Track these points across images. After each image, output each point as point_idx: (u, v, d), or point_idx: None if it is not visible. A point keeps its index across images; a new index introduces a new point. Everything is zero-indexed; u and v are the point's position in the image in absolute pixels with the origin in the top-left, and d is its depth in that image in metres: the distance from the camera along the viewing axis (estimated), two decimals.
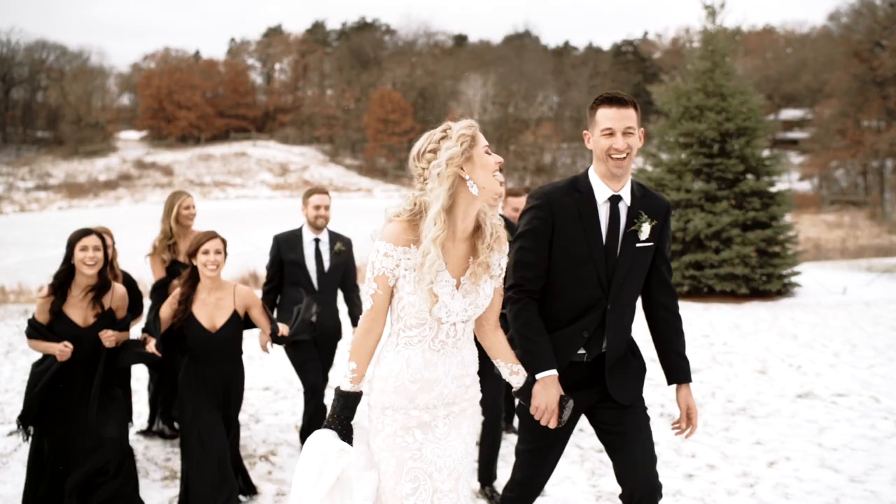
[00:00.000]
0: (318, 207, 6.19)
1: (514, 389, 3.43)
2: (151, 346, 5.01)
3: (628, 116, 3.45)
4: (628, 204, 3.52)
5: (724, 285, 15.43)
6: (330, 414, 3.17)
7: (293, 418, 7.49)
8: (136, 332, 5.80)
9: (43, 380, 4.87)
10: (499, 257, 3.24)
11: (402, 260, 3.09)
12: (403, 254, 3.09)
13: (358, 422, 3.22)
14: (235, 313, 5.20)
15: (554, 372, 3.42)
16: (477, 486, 5.52)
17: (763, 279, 15.65)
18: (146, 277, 7.97)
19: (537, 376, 3.42)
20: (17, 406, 7.79)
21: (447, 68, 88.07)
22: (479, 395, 3.36)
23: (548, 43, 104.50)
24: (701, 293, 15.88)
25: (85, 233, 4.96)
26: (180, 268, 6.14)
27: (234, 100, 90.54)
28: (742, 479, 5.76)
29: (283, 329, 5.39)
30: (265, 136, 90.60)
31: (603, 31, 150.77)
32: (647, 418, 3.65)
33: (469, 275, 3.16)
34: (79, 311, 4.97)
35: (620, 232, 3.51)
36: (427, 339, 3.16)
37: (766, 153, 16.67)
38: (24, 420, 4.92)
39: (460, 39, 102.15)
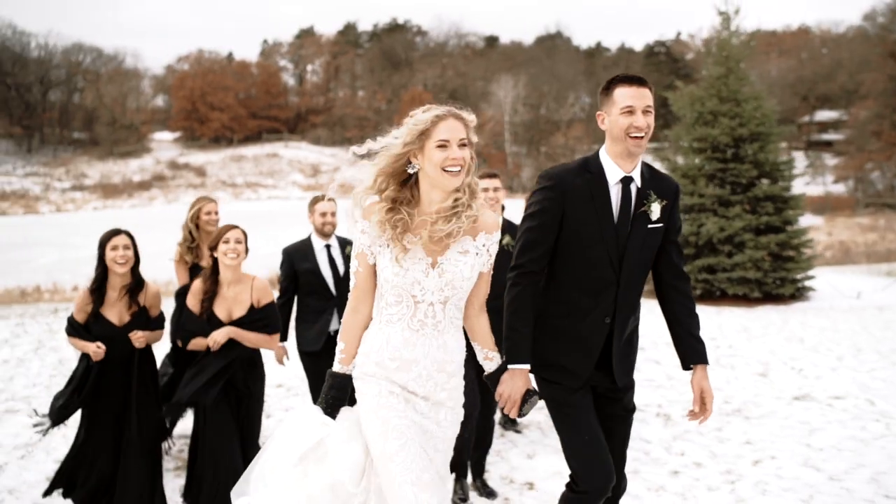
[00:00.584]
0: (324, 214, 6.25)
1: (484, 374, 3.48)
2: (209, 342, 5.10)
3: (647, 95, 3.48)
4: (639, 185, 3.54)
5: (737, 289, 15.54)
6: (321, 394, 3.30)
7: None
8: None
9: (87, 383, 4.98)
10: (486, 239, 3.29)
11: (375, 236, 3.22)
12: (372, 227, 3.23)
13: (346, 408, 3.30)
14: (252, 307, 5.26)
15: (525, 366, 3.46)
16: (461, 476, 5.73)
17: (776, 283, 15.74)
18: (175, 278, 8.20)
19: (509, 366, 3.45)
20: (42, 400, 8.18)
21: (478, 69, 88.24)
22: (461, 388, 3.38)
23: (580, 44, 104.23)
24: (714, 297, 16.00)
25: (114, 233, 5.04)
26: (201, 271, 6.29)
27: (266, 101, 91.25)
28: (725, 477, 5.96)
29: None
30: (297, 137, 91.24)
31: (635, 31, 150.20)
32: (630, 427, 3.76)
33: (437, 244, 3.20)
34: (115, 311, 5.06)
35: (631, 213, 3.52)
36: (406, 317, 3.22)
37: (783, 157, 16.75)
38: (57, 414, 5.01)
39: (491, 40, 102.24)
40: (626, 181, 3.52)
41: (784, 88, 74.90)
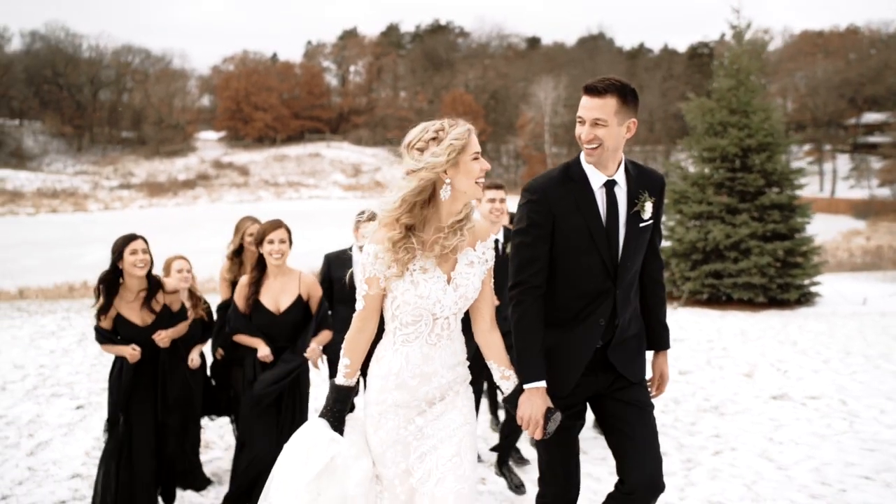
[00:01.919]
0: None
1: (502, 396, 3.48)
2: (265, 353, 5.33)
3: (600, 107, 3.39)
4: (624, 188, 3.52)
5: (742, 294, 16.10)
6: (324, 406, 3.35)
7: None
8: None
9: (123, 383, 5.21)
10: (483, 247, 3.38)
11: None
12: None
13: (352, 416, 3.40)
14: (300, 297, 5.42)
15: (542, 384, 3.41)
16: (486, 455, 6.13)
17: (780, 289, 16.26)
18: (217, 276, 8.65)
19: (525, 387, 3.41)
20: (83, 386, 9.08)
21: (519, 70, 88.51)
22: (469, 376, 3.47)
23: (622, 45, 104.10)
24: (719, 301, 16.56)
25: (132, 237, 5.12)
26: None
27: (309, 101, 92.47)
28: (684, 465, 6.58)
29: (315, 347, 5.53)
30: (339, 137, 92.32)
31: (679, 32, 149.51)
32: (653, 416, 3.64)
33: (446, 260, 3.28)
34: (136, 313, 5.21)
35: (621, 216, 3.50)
36: (423, 334, 3.29)
37: (794, 164, 17.27)
38: (112, 420, 5.26)
39: (533, 42, 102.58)
40: (610, 184, 3.50)
41: (830, 90, 74.34)
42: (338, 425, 3.30)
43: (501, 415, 7.80)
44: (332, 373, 6.23)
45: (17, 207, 59.81)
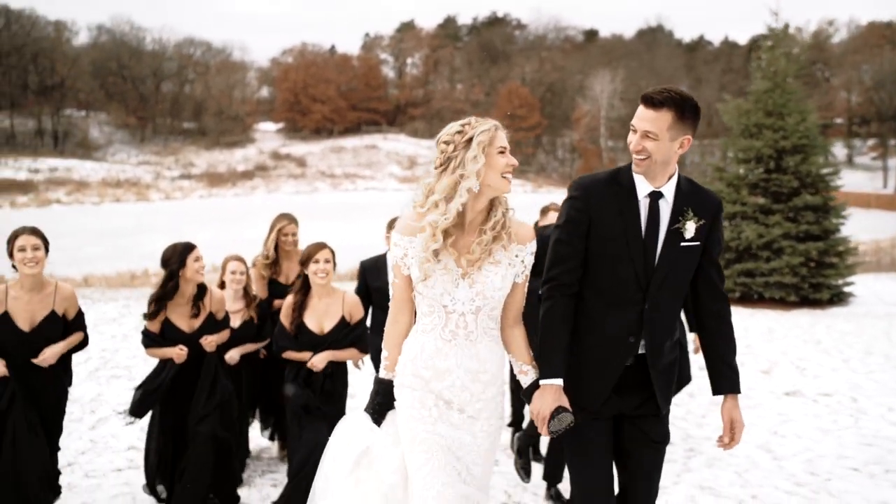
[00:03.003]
0: None
1: (521, 391, 3.48)
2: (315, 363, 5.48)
3: (653, 119, 3.28)
4: (670, 202, 3.40)
5: (773, 293, 16.40)
6: (369, 399, 3.47)
7: None
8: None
9: (161, 382, 5.44)
10: (519, 250, 3.35)
11: (408, 249, 3.30)
12: (409, 243, 3.29)
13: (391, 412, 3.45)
14: (343, 319, 5.56)
15: (557, 382, 3.35)
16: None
17: (812, 288, 16.52)
18: None
19: (541, 382, 3.38)
20: (140, 370, 9.80)
21: (576, 63, 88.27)
22: (498, 400, 3.42)
23: (682, 37, 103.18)
24: (751, 300, 16.87)
25: (192, 246, 5.37)
26: (278, 287, 6.66)
27: (366, 93, 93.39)
28: (685, 453, 7.05)
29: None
30: (395, 129, 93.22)
31: (740, 24, 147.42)
32: (664, 453, 3.63)
33: (473, 262, 3.27)
34: (183, 319, 5.44)
35: (661, 230, 3.39)
36: (438, 327, 3.30)
37: (826, 169, 17.49)
38: (135, 412, 5.52)
39: (591, 34, 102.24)
40: (655, 196, 3.40)
41: None
42: (378, 418, 3.38)
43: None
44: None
45: (83, 196, 61.68)
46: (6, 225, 6.03)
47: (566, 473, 5.93)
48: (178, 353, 5.37)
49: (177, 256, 5.30)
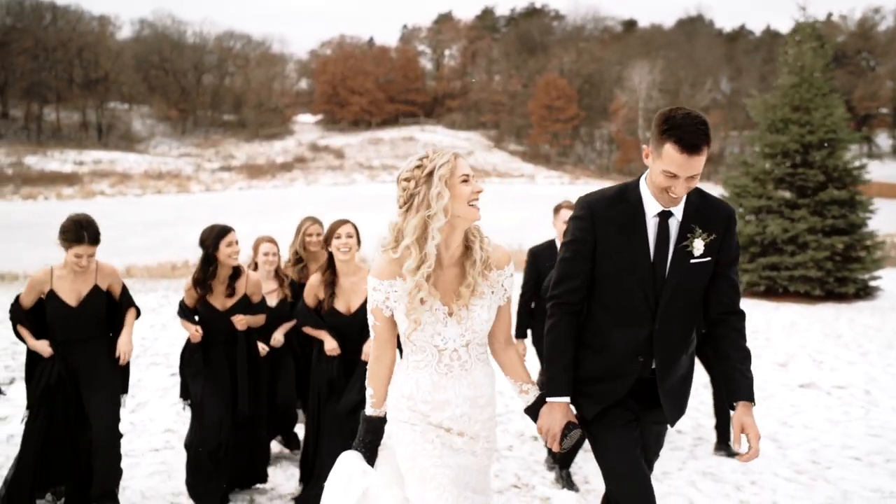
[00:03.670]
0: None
1: (524, 408, 3.45)
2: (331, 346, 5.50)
3: (696, 165, 3.17)
4: (679, 219, 3.33)
5: (798, 286, 16.53)
6: (357, 437, 3.37)
7: None
8: None
9: (193, 361, 5.59)
10: (498, 276, 3.30)
11: (389, 293, 3.20)
12: (390, 286, 3.19)
13: (383, 443, 3.39)
14: None
15: (564, 399, 3.38)
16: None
17: (837, 282, 16.62)
18: None
19: (547, 399, 3.38)
20: (178, 356, 10.29)
21: (614, 54, 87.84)
22: (494, 419, 3.41)
23: (723, 26, 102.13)
24: (776, 293, 17.02)
25: (228, 229, 5.47)
26: (300, 289, 6.47)
27: (404, 85, 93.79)
28: (693, 442, 7.32)
29: None
30: (433, 121, 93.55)
31: (782, 12, 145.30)
32: (662, 444, 3.69)
33: (459, 300, 3.22)
34: (218, 298, 5.53)
35: (671, 248, 3.33)
36: (432, 363, 3.25)
37: (857, 163, 17.54)
38: (183, 394, 5.74)
39: (630, 24, 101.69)
40: (665, 215, 3.33)
41: None
42: (370, 456, 3.32)
43: None
44: None
45: (126, 188, 62.78)
46: (52, 218, 6.42)
47: (577, 458, 6.35)
48: (195, 333, 5.52)
49: (211, 240, 5.42)
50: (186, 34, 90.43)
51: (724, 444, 6.90)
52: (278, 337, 6.10)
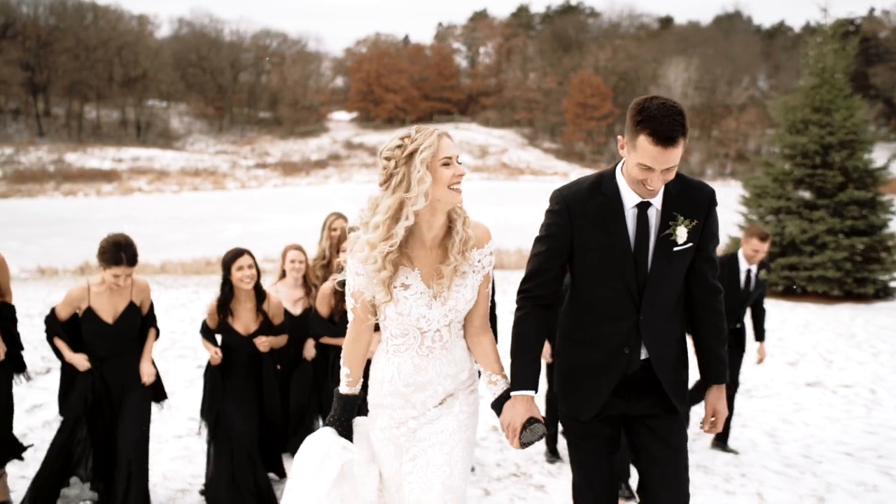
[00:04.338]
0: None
1: (491, 402, 3.38)
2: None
3: (672, 157, 3.05)
4: (659, 208, 3.24)
5: (816, 286, 16.66)
6: (331, 414, 3.34)
7: None
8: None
9: (214, 381, 5.64)
10: (478, 254, 3.26)
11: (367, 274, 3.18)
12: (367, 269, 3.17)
13: (358, 420, 3.39)
14: None
15: (529, 393, 3.29)
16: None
17: (856, 283, 16.72)
18: None
19: (512, 393, 3.30)
20: (204, 350, 10.75)
21: (650, 51, 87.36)
22: (475, 377, 3.41)
23: (761, 23, 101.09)
24: (795, 293, 17.16)
25: (238, 253, 5.52)
26: None
27: (438, 83, 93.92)
28: (693, 436, 7.55)
29: None
30: (467, 118, 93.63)
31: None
32: (686, 437, 3.46)
33: (441, 279, 3.17)
34: (241, 322, 5.59)
35: (652, 238, 3.25)
36: (413, 346, 3.23)
37: (878, 163, 17.61)
38: (204, 414, 5.71)
39: (666, 21, 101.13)
40: (643, 206, 3.24)
41: None
42: (346, 433, 3.30)
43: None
44: None
45: (163, 185, 63.72)
46: (91, 214, 6.82)
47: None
48: (214, 356, 5.58)
49: (225, 263, 5.52)
50: (224, 33, 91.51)
51: (721, 441, 7.17)
52: (311, 351, 6.31)
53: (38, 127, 79.42)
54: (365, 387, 3.43)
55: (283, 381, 6.23)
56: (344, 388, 3.33)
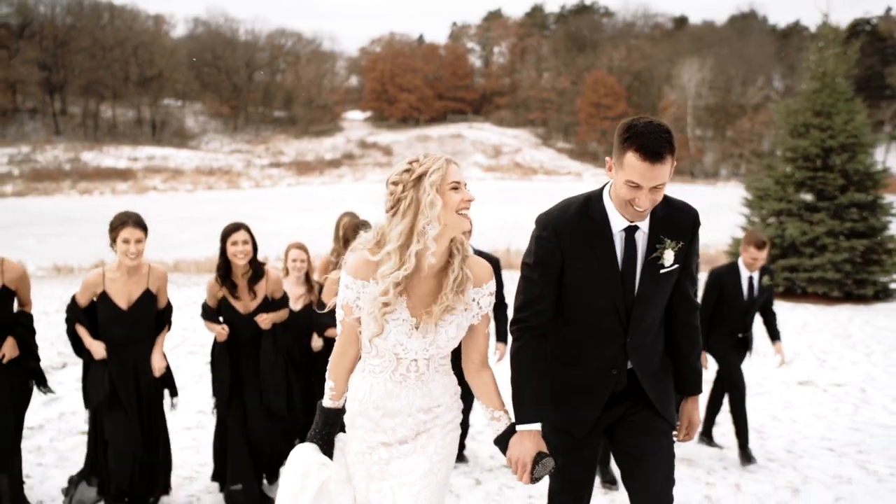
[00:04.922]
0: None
1: (494, 438, 3.29)
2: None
3: (660, 174, 3.07)
4: (646, 231, 3.27)
5: (816, 287, 16.88)
6: (312, 428, 3.29)
7: None
8: None
9: (221, 362, 5.69)
10: (475, 293, 3.20)
11: (361, 293, 3.11)
12: (362, 287, 3.10)
13: (340, 436, 3.34)
14: None
15: (535, 427, 3.23)
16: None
17: (856, 284, 16.92)
18: None
19: (517, 428, 3.24)
20: None
21: (664, 51, 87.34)
22: (457, 418, 3.32)
23: (776, 23, 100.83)
24: (795, 294, 17.37)
25: (234, 228, 5.49)
26: None
27: (452, 83, 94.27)
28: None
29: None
30: (481, 118, 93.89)
31: (838, 8, 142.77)
32: (671, 441, 3.46)
33: (430, 315, 3.11)
34: (240, 301, 5.58)
35: (639, 261, 3.28)
36: (388, 370, 3.17)
37: (879, 166, 17.79)
38: (218, 397, 5.75)
39: (680, 21, 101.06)
40: (631, 230, 3.27)
41: None
42: (327, 448, 3.27)
43: None
44: None
45: (178, 184, 64.29)
46: (106, 212, 7.02)
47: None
48: (220, 331, 5.58)
49: (221, 237, 5.49)
50: (239, 32, 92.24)
51: (706, 436, 7.44)
52: (317, 344, 6.41)
53: (54, 126, 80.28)
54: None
55: (306, 380, 6.37)
56: (327, 402, 3.30)
